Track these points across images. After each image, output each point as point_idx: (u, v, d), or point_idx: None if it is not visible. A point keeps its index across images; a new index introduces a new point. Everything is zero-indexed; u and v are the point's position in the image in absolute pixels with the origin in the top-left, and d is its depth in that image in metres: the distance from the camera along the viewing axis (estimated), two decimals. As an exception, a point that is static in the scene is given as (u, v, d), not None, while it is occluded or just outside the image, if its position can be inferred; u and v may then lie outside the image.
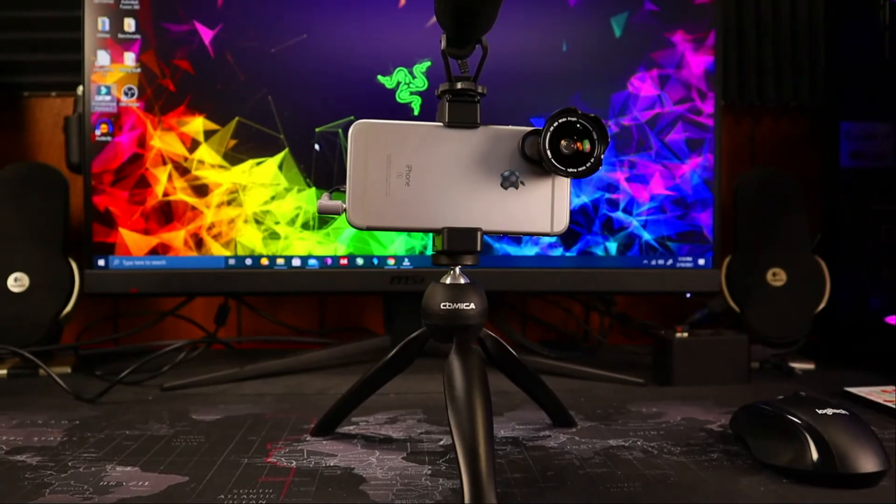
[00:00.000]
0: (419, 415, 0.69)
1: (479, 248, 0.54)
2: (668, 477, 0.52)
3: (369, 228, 0.54)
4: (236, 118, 0.83)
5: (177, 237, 0.83)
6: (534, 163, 0.54)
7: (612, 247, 0.86)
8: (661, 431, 0.63)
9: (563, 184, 0.55)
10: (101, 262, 0.82)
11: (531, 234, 0.55)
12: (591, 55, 0.85)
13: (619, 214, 0.86)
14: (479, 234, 0.54)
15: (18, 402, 0.73)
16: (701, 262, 0.86)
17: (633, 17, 0.85)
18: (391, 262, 0.86)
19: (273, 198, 0.84)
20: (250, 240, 0.84)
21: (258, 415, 0.68)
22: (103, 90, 0.82)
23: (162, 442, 0.60)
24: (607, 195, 0.85)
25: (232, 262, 0.84)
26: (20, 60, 1.01)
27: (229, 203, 0.83)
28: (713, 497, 0.48)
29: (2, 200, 0.87)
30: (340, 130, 0.84)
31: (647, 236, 0.86)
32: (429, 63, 0.84)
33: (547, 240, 0.85)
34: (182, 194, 0.83)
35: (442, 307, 0.55)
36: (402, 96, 0.84)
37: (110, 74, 0.82)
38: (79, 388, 0.74)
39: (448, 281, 0.56)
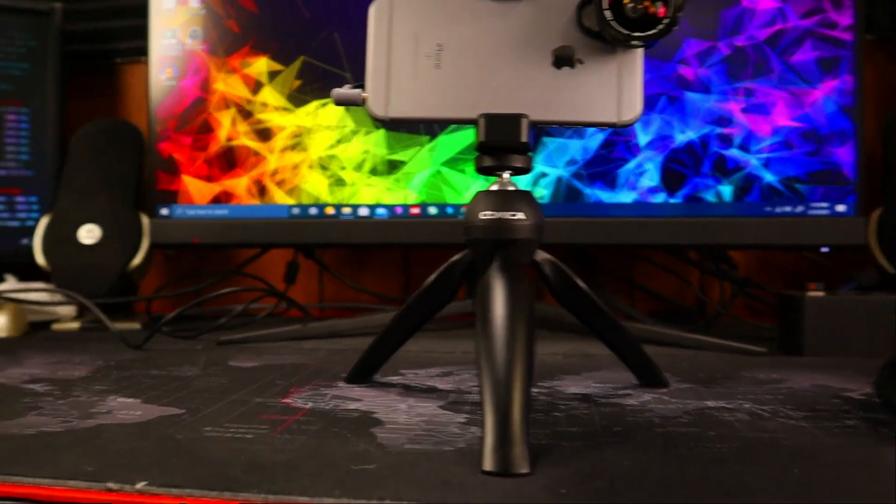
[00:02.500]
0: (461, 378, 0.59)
1: (523, 139, 0.43)
2: (779, 440, 0.39)
3: (393, 121, 0.46)
4: (301, 57, 0.77)
5: (239, 184, 0.78)
6: (595, 36, 0.44)
7: (727, 191, 0.72)
8: (779, 396, 0.49)
9: (634, 60, 0.44)
10: (165, 211, 0.79)
11: (591, 125, 0.44)
12: (697, -34, 0.72)
13: (734, 152, 0.72)
14: (524, 121, 0.44)
15: (72, 346, 0.70)
16: (840, 208, 0.70)
17: (749, -83, 0.71)
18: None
19: (339, 141, 0.77)
20: (315, 187, 0.77)
21: (301, 365, 0.61)
22: (168, 33, 0.79)
23: (181, 381, 0.54)
24: (719, 129, 0.72)
25: (296, 211, 0.78)
26: (111, 27, 1.01)
27: (293, 147, 0.78)
28: (843, 466, 0.35)
29: (81, 156, 0.86)
30: (410, 66, 0.76)
31: (769, 177, 0.71)
32: (508, -13, 0.75)
33: (645, 184, 0.73)
34: (245, 139, 0.78)
35: (482, 217, 0.45)
36: (478, 26, 0.75)
37: (175, 17, 0.79)
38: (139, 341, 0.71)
39: (495, 188, 0.46)
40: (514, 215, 0.45)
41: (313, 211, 0.78)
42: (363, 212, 0.77)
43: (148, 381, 0.54)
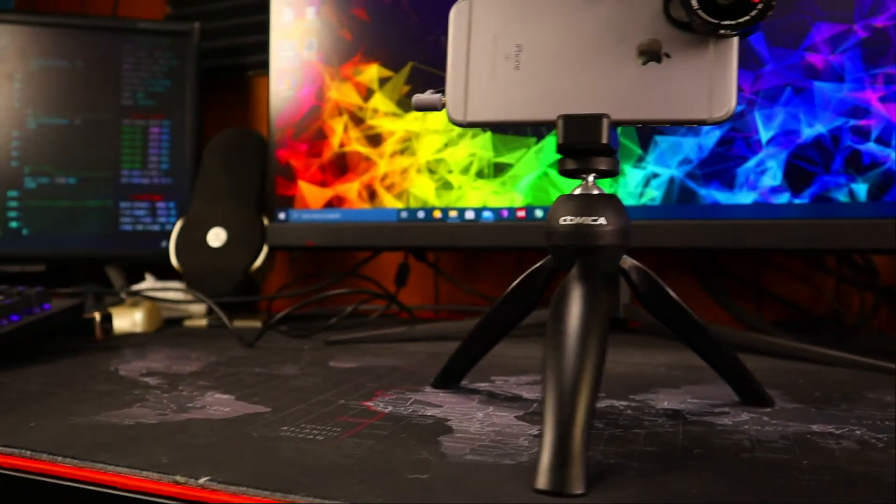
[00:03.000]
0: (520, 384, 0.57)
1: (604, 140, 0.41)
2: (884, 477, 0.34)
3: (472, 125, 0.45)
4: (410, 63, 0.78)
5: (351, 189, 0.81)
6: (684, 27, 0.41)
7: (861, 189, 0.65)
8: (899, 421, 0.44)
9: (728, 52, 0.40)
10: (282, 216, 0.83)
11: (680, 122, 0.41)
12: (829, -57, 0.66)
13: (871, 146, 0.64)
14: (605, 121, 0.41)
15: (195, 343, 0.75)
16: None
17: None
18: (572, 214, 0.74)
19: (446, 145, 0.77)
20: (423, 190, 0.78)
21: (397, 367, 0.62)
22: (287, 46, 0.83)
23: (279, 380, 0.56)
24: (853, 122, 0.65)
25: (404, 214, 0.79)
26: (243, 43, 1.08)
27: (402, 152, 0.79)
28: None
29: (211, 164, 0.93)
30: (515, 67, 0.75)
31: (913, 174, 0.63)
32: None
33: (767, 183, 0.67)
34: (357, 144, 0.80)
35: (562, 222, 0.43)
36: (586, 23, 0.73)
37: (293, 30, 0.83)
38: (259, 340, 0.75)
39: (577, 192, 0.44)
40: (595, 220, 0.43)
41: (421, 215, 0.78)
42: (469, 215, 0.77)
43: (249, 378, 0.57)
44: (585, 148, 0.42)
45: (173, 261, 0.89)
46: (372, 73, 0.80)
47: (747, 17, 0.38)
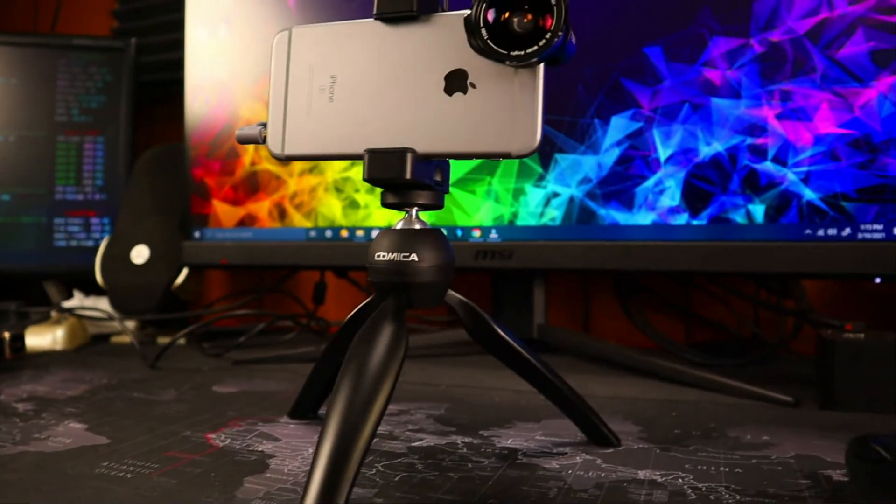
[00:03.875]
0: (439, 409, 0.56)
1: (408, 175, 0.40)
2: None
3: (290, 159, 0.44)
4: (317, 80, 0.77)
5: (262, 208, 0.80)
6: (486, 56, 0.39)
7: (758, 211, 0.62)
8: (738, 469, 0.42)
9: (532, 82, 0.39)
10: (197, 234, 0.83)
11: (483, 156, 0.40)
12: (726, -46, 0.64)
13: (768, 165, 0.62)
14: (408, 156, 0.40)
15: (102, 362, 0.75)
16: (900, 230, 0.59)
17: None
18: (476, 233, 0.73)
19: (352, 164, 0.76)
20: (330, 209, 0.77)
21: (276, 392, 0.61)
22: (200, 63, 0.82)
23: (145, 406, 0.56)
24: (750, 140, 0.62)
25: (312, 234, 0.78)
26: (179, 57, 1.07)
27: (311, 171, 0.78)
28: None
29: (138, 180, 0.92)
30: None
31: (809, 194, 0.61)
32: (518, -6, 0.70)
33: (665, 203, 0.65)
34: (267, 163, 0.80)
35: (377, 257, 0.42)
36: (489, 38, 0.71)
37: (206, 46, 0.82)
38: (174, 357, 0.75)
39: (398, 226, 0.43)
40: (407, 257, 0.41)
41: (328, 234, 0.77)
42: (376, 234, 0.76)
43: (120, 404, 0.57)
44: (395, 183, 0.41)
45: (98, 278, 0.89)
46: (282, 90, 0.79)
47: (535, 48, 0.36)
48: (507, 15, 0.37)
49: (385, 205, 0.43)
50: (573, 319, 0.91)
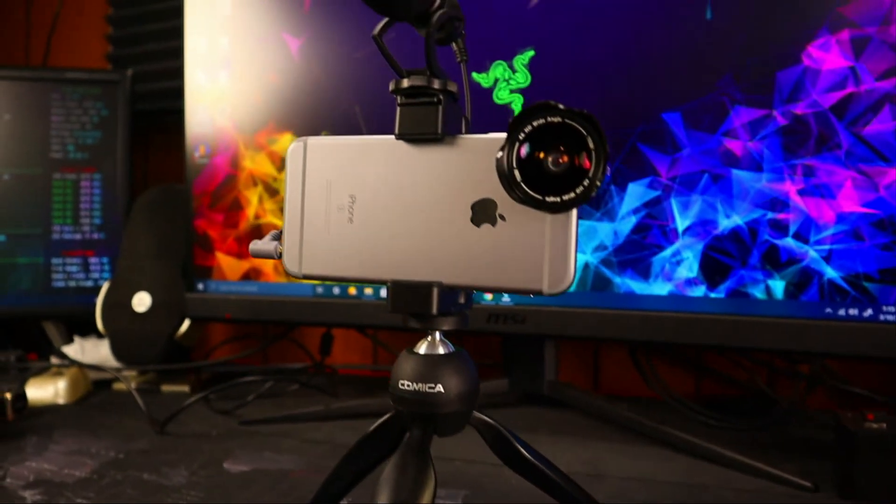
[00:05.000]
0: (456, 499, 0.55)
1: (434, 311, 0.38)
2: None
3: (308, 278, 0.42)
4: (323, 133, 0.75)
5: (267, 262, 0.78)
6: (516, 189, 0.38)
7: (778, 287, 0.61)
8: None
9: (566, 219, 0.37)
10: (201, 286, 0.81)
11: (514, 291, 0.38)
12: (746, 20, 0.62)
13: (789, 242, 0.61)
14: (434, 290, 0.39)
15: (107, 422, 0.73)
16: (924, 313, 0.58)
17: (814, -40, 0.59)
18: (488, 296, 0.71)
19: (360, 220, 0.74)
20: (337, 266, 0.75)
21: (289, 471, 0.60)
22: (201, 110, 0.80)
23: (155, 492, 0.55)
24: (771, 214, 0.61)
25: (320, 290, 0.76)
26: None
27: (316, 226, 0.76)
28: None
29: (138, 222, 0.90)
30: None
31: (831, 273, 0.60)
32: (531, 53, 0.68)
33: (683, 275, 0.64)
34: (272, 217, 0.78)
35: (402, 386, 0.41)
36: (501, 95, 0.69)
37: (206, 94, 0.80)
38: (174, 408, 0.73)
39: (422, 350, 0.41)
40: (432, 388, 0.40)
41: (336, 291, 0.76)
42: (385, 293, 0.74)
43: (131, 490, 0.56)
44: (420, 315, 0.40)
45: (99, 325, 0.87)
46: (286, 142, 0.77)
47: (573, 195, 0.34)
48: (541, 155, 0.35)
49: (408, 329, 0.42)
50: (583, 370, 0.90)
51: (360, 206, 0.41)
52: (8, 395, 0.73)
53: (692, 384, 0.86)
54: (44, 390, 0.81)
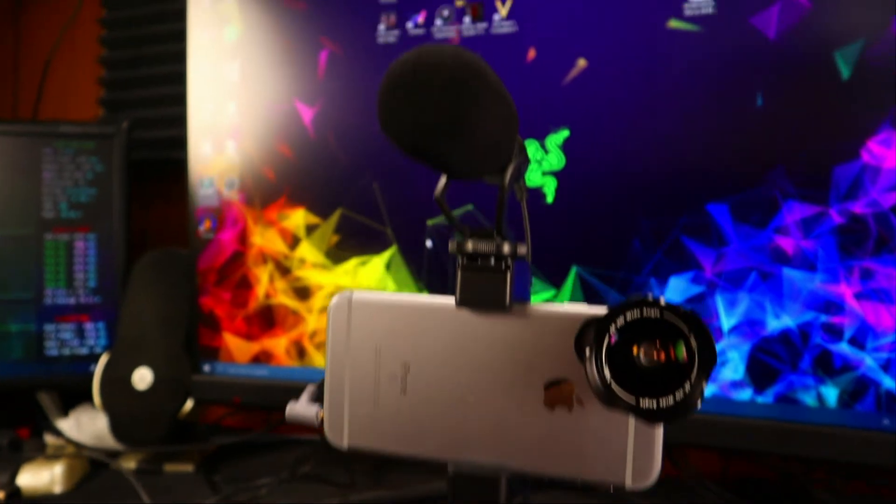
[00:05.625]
0: None
1: (502, 502, 0.34)
2: None
3: (354, 451, 0.38)
4: (339, 209, 0.71)
5: (279, 344, 0.74)
6: (597, 370, 0.34)
7: (831, 394, 0.58)
8: None
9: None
10: (207, 368, 0.76)
11: (592, 484, 0.34)
12: (801, 109, 0.58)
13: (844, 347, 0.57)
14: (503, 480, 0.34)
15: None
16: None
17: (872, 47, 0.56)
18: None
19: (379, 303, 0.70)
20: (355, 351, 0.71)
21: None
22: (206, 182, 0.75)
23: None
24: (824, 317, 0.58)
25: (336, 375, 0.72)
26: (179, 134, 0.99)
27: (332, 308, 0.72)
28: None
29: (137, 290, 0.85)
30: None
31: (889, 383, 0.56)
32: (566, 133, 0.64)
33: (728, 376, 0.60)
34: (283, 297, 0.73)
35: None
36: (533, 178, 0.65)
37: (212, 165, 0.75)
38: (184, 490, 0.69)
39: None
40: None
41: (354, 376, 0.71)
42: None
43: None
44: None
45: (97, 402, 0.82)
46: (298, 218, 0.72)
47: (671, 404, 0.30)
48: (635, 350, 0.31)
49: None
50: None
51: (414, 377, 0.36)
52: (1, 495, 0.68)
53: (716, 461, 0.82)
54: (39, 477, 0.76)
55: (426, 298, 0.36)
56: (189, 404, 0.81)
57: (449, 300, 0.36)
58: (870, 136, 0.56)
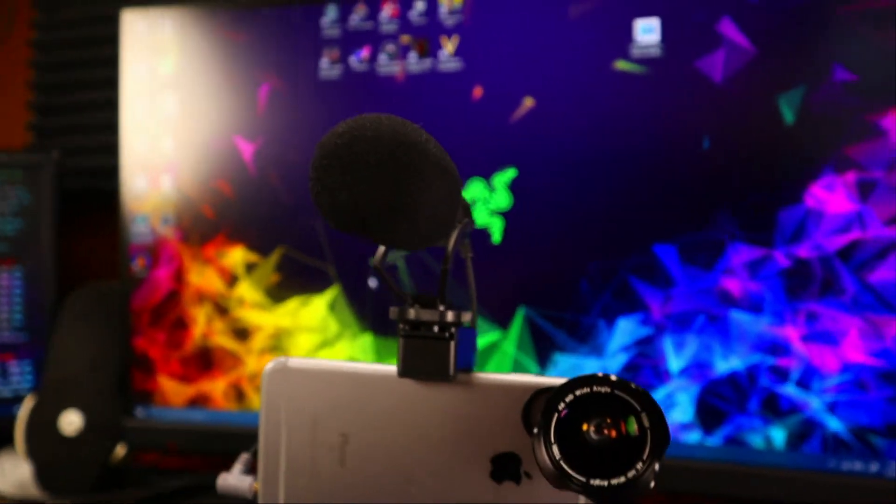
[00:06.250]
0: None
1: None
2: None
3: (289, 527, 0.36)
4: (279, 247, 0.68)
5: (216, 387, 0.70)
6: (544, 443, 0.32)
7: (779, 436, 0.58)
8: None
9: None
10: (140, 412, 0.73)
11: (542, 562, 0.33)
12: (746, 154, 0.58)
13: (791, 389, 0.57)
14: (448, 563, 0.33)
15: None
16: (931, 471, 0.55)
17: (814, 93, 0.56)
18: (465, 431, 0.65)
19: (322, 344, 0.68)
20: (297, 394, 0.68)
21: None
22: (140, 219, 0.71)
23: None
24: (771, 360, 0.58)
25: (277, 419, 0.69)
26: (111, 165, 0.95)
27: (272, 350, 0.69)
28: None
29: (67, 329, 0.81)
30: (400, 262, 0.65)
31: (835, 425, 0.56)
32: (513, 172, 0.63)
33: (678, 418, 0.60)
34: (221, 338, 0.70)
35: None
36: (480, 218, 0.64)
37: (147, 200, 0.71)
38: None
39: None
40: None
41: (296, 420, 0.69)
42: None
43: None
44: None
45: (19, 449, 0.77)
46: (237, 256, 0.69)
47: (622, 479, 0.29)
48: (584, 426, 0.30)
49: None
50: None
51: (353, 448, 0.34)
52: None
53: None
54: (-44, 533, 0.71)
55: (366, 367, 0.35)
56: (121, 450, 0.77)
57: (390, 369, 0.34)
58: (813, 180, 0.56)
